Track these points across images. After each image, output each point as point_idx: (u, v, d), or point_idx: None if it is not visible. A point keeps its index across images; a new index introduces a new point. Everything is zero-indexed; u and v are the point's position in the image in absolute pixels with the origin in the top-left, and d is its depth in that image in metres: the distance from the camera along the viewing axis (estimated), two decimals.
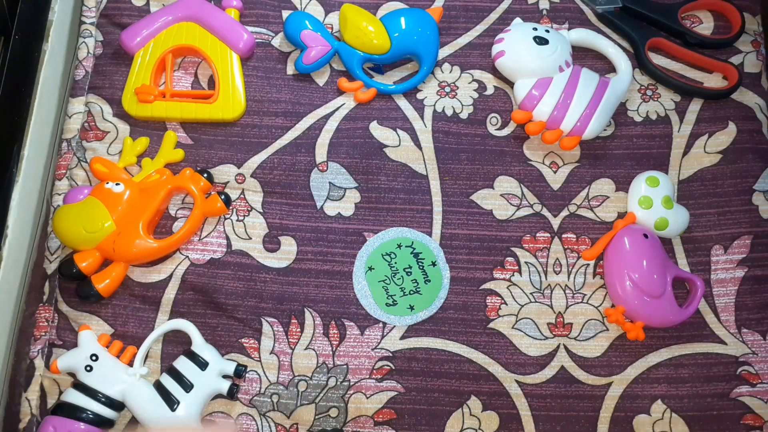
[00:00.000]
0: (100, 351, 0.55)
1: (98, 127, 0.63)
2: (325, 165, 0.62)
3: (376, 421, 0.56)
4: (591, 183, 0.63)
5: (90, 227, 0.57)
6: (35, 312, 0.58)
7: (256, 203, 0.61)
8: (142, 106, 0.62)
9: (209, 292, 0.58)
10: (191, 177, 0.60)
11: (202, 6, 0.65)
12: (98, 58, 0.66)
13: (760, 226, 0.61)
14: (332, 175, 0.62)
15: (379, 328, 0.58)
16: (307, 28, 0.64)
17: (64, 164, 0.62)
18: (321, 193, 0.62)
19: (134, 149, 0.62)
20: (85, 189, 0.60)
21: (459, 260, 0.60)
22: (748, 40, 0.67)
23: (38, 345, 0.57)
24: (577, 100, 0.61)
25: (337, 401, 0.56)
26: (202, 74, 0.66)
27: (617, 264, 0.58)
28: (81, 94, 0.65)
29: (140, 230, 0.57)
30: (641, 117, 0.65)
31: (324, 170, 0.62)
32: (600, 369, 0.57)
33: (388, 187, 0.62)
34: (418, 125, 0.64)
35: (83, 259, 0.57)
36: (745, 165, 0.63)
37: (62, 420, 0.53)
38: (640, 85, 0.66)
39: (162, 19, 0.65)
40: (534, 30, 0.64)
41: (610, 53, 0.65)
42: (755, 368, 0.57)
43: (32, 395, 0.56)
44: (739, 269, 0.60)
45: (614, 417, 0.56)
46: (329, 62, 0.66)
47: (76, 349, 0.55)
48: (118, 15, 0.67)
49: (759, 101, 0.65)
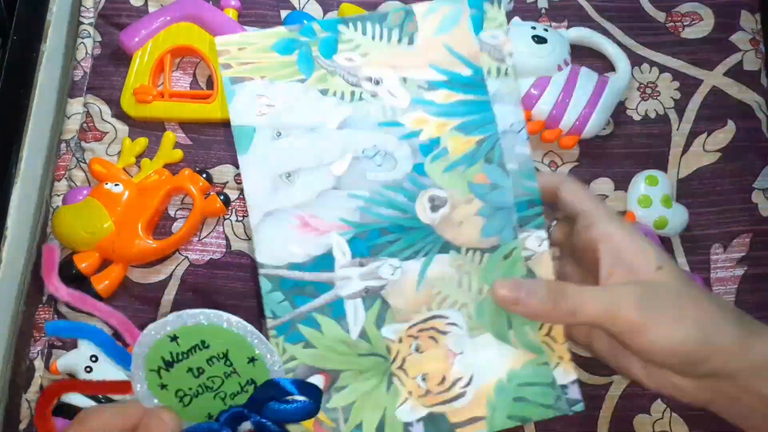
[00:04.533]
0: (100, 352, 0.55)
1: (97, 127, 0.63)
2: None
3: None
4: (590, 182, 0.63)
5: (89, 228, 0.57)
6: (35, 313, 0.58)
7: None
8: (141, 107, 0.62)
9: (209, 293, 0.58)
10: (190, 177, 0.60)
11: (201, 6, 0.65)
12: (96, 59, 0.66)
13: (760, 225, 0.61)
14: None
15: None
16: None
17: (63, 165, 0.62)
18: None
19: (133, 150, 0.62)
20: (84, 190, 0.60)
21: None
22: (747, 38, 0.67)
23: (38, 346, 0.57)
24: (576, 98, 0.61)
25: None
26: (200, 74, 0.66)
27: None
28: (79, 94, 0.65)
29: (139, 231, 0.57)
30: (640, 116, 0.65)
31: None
32: (600, 368, 0.57)
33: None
34: None
35: (83, 260, 0.57)
36: (744, 163, 0.63)
37: (62, 421, 0.53)
38: (639, 83, 0.66)
39: (160, 19, 0.64)
40: (532, 29, 0.64)
41: (609, 52, 0.65)
42: None
43: (32, 396, 0.56)
44: (739, 268, 0.60)
45: (614, 416, 0.56)
46: None
47: (75, 351, 0.55)
48: (117, 15, 0.67)
49: (758, 99, 0.65)
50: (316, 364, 0.44)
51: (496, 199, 0.44)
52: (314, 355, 0.44)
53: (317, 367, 0.44)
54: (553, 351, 0.45)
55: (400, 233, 0.44)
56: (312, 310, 0.43)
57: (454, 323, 0.45)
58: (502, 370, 0.45)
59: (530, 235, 0.45)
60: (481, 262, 0.45)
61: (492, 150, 0.44)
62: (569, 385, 0.45)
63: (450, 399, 0.45)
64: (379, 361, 0.44)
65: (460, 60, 0.45)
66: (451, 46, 0.44)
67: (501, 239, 0.45)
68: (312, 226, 0.43)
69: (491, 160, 0.44)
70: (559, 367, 0.45)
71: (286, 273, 0.43)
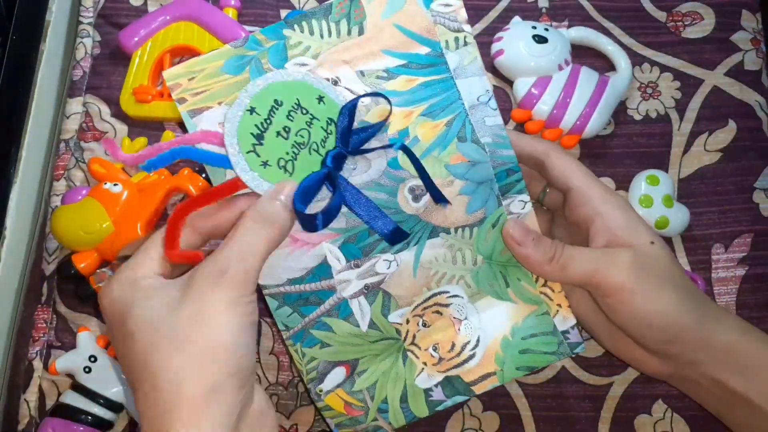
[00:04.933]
0: (99, 352, 0.55)
1: (96, 127, 0.63)
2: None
3: None
4: None
5: (88, 228, 0.57)
6: (33, 313, 0.58)
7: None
8: (140, 106, 0.62)
9: None
10: (189, 177, 0.60)
11: (200, 5, 0.65)
12: (96, 59, 0.66)
13: (761, 224, 0.61)
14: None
15: None
16: None
17: (62, 165, 0.62)
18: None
19: (132, 149, 0.62)
20: (83, 189, 0.60)
21: None
22: (748, 37, 0.67)
23: (37, 346, 0.57)
24: (577, 98, 0.61)
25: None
26: None
27: None
28: (79, 94, 0.65)
29: (138, 231, 0.57)
30: (641, 115, 0.65)
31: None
32: (601, 369, 0.57)
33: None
34: None
35: (81, 260, 0.57)
36: (745, 163, 0.63)
37: (61, 422, 0.53)
38: (639, 83, 0.66)
39: (160, 19, 0.64)
40: (533, 28, 0.64)
41: (610, 51, 0.65)
42: None
43: (31, 397, 0.56)
44: (740, 268, 0.60)
45: (615, 417, 0.56)
46: None
47: (74, 351, 0.55)
48: (116, 15, 0.67)
49: (759, 99, 0.65)
50: (335, 358, 0.46)
51: (475, 175, 0.44)
52: (332, 351, 0.45)
53: (337, 361, 0.45)
54: (551, 300, 0.47)
55: None
56: (320, 316, 0.45)
57: (455, 295, 0.46)
58: (505, 326, 0.47)
59: (513, 200, 0.45)
60: (471, 236, 0.45)
61: (463, 127, 0.44)
62: (570, 330, 0.48)
63: (461, 362, 0.47)
64: (391, 343, 0.46)
65: (415, 39, 0.43)
66: (403, 25, 0.43)
67: (486, 211, 0.45)
68: (302, 240, 0.43)
69: (464, 139, 0.44)
70: (558, 314, 0.47)
71: (289, 288, 0.44)
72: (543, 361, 0.48)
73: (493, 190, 0.44)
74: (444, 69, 0.42)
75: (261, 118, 0.39)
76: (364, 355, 0.46)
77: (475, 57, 0.44)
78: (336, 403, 0.47)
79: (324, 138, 0.41)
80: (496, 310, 0.47)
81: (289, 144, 0.40)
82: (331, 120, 0.41)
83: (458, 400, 0.48)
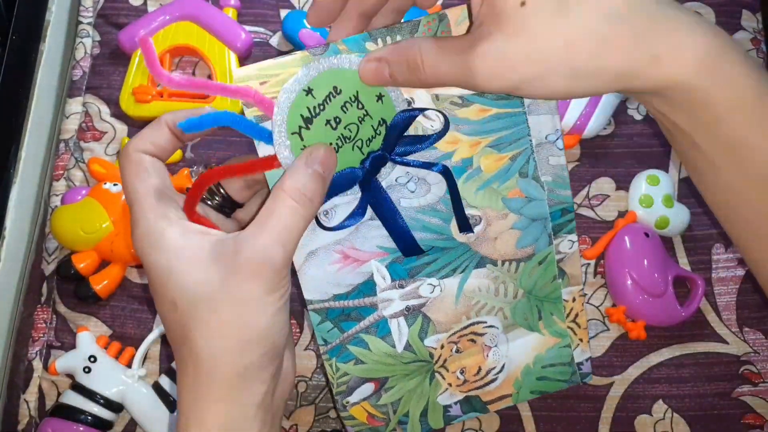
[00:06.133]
0: (99, 352, 0.55)
1: (96, 127, 0.63)
2: None
3: None
4: (591, 182, 0.62)
5: (88, 228, 0.57)
6: (33, 313, 0.58)
7: None
8: (140, 106, 0.62)
9: None
10: (189, 177, 0.60)
11: (200, 5, 0.65)
12: (95, 58, 0.66)
13: None
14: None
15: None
16: (306, 27, 0.64)
17: (61, 165, 0.62)
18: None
19: None
20: (82, 190, 0.60)
21: None
22: (748, 37, 0.67)
23: (36, 346, 0.57)
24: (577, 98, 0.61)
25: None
26: (199, 74, 0.66)
27: (618, 263, 0.58)
28: (78, 94, 0.64)
29: None
30: (641, 115, 0.65)
31: None
32: (601, 369, 0.57)
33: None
34: None
35: (81, 260, 0.57)
36: None
37: (61, 422, 0.53)
38: None
39: (159, 19, 0.64)
40: None
41: None
42: (757, 367, 0.57)
43: (30, 397, 0.56)
44: (740, 267, 0.60)
45: (615, 417, 0.56)
46: None
47: (74, 351, 0.55)
48: (116, 15, 0.67)
49: None
50: (367, 375, 0.46)
51: (530, 211, 0.44)
52: (365, 369, 0.46)
53: (368, 378, 0.46)
54: (575, 335, 0.49)
55: (436, 254, 0.44)
56: (359, 332, 0.45)
57: (492, 326, 0.47)
58: (530, 356, 0.49)
59: (563, 240, 0.45)
60: (516, 271, 0.45)
61: (526, 164, 0.43)
62: (584, 362, 0.50)
63: (483, 385, 0.49)
64: (423, 365, 0.47)
65: None
66: None
67: (536, 248, 0.45)
68: (352, 257, 0.43)
69: (525, 174, 0.43)
70: (578, 347, 0.49)
71: (333, 304, 0.44)
72: (555, 387, 0.50)
73: (546, 228, 0.44)
74: (518, 103, 0.41)
75: (315, 102, 0.37)
76: (394, 374, 0.47)
77: None
78: (360, 414, 0.48)
79: (371, 137, 0.39)
80: (524, 340, 0.48)
81: (336, 135, 0.38)
82: (384, 121, 0.39)
83: (473, 416, 0.50)
